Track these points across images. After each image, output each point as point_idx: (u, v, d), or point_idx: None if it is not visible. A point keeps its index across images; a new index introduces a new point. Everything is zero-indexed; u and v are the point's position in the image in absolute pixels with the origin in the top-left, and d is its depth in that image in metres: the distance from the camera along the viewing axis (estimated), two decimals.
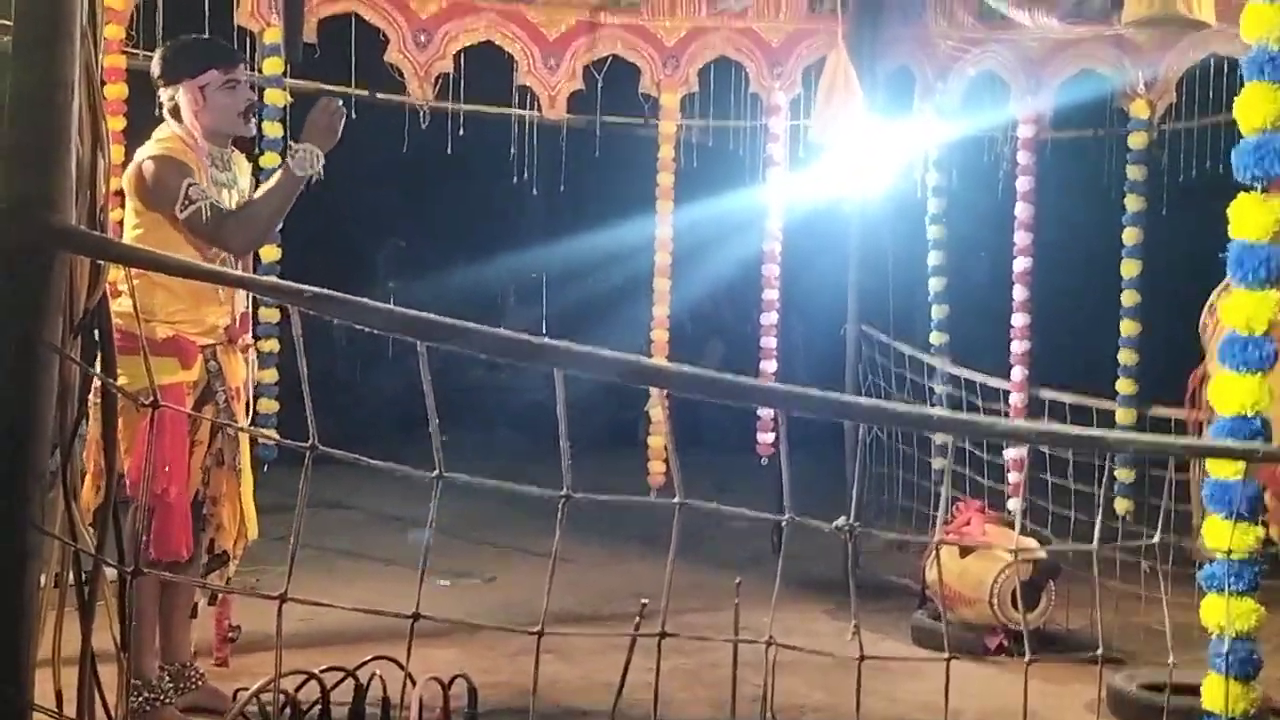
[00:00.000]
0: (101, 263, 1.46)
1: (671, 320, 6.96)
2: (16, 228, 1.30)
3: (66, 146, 1.30)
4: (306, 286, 1.41)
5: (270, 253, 5.87)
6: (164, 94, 3.83)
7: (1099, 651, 1.87)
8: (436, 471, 1.50)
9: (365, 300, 1.44)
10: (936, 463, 6.65)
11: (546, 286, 11.28)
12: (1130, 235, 6.03)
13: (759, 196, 7.04)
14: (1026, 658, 1.73)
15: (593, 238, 9.13)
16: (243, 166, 4.01)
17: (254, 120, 3.98)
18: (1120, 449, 1.88)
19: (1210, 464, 2.29)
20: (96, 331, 1.50)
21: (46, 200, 1.30)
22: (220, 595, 4.11)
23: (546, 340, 1.55)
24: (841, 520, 1.78)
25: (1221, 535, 2.20)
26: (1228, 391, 2.25)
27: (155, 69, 3.85)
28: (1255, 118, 2.24)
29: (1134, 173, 6.35)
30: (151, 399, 1.49)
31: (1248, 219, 2.25)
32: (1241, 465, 2.22)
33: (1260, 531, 2.24)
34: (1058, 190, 6.89)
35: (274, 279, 1.27)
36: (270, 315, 5.81)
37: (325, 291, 1.42)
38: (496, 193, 8.38)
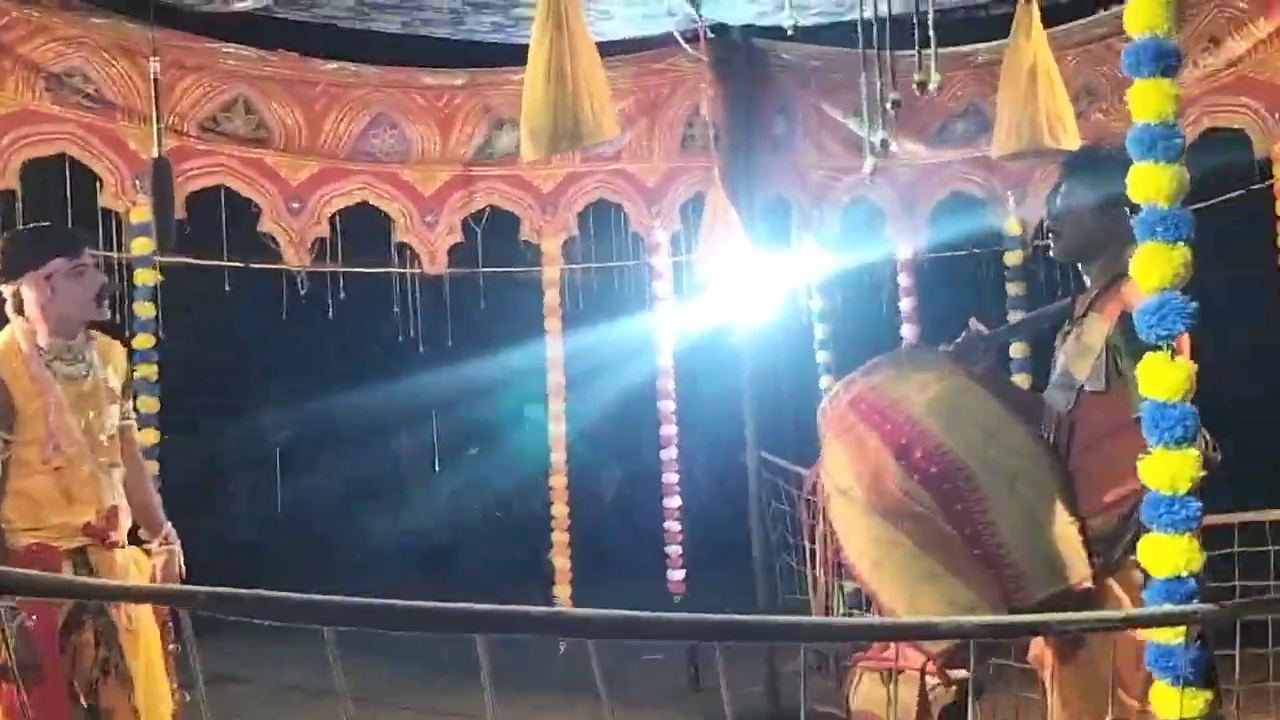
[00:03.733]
0: None
1: (569, 446, 6.86)
2: None
3: None
4: (200, 588, 1.29)
5: (149, 404, 5.65)
6: (5, 290, 3.65)
7: None
8: None
9: (262, 592, 1.32)
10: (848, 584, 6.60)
11: (438, 421, 11.16)
12: (1016, 349, 6.12)
13: (647, 331, 7.03)
14: None
15: (484, 373, 9.08)
16: (108, 353, 3.80)
17: (106, 302, 3.78)
18: (1065, 628, 1.82)
19: (1147, 630, 2.25)
20: None
21: None
22: None
23: (466, 607, 1.44)
24: None
25: (1170, 702, 2.15)
26: (1159, 554, 2.22)
27: None
28: (1153, 277, 2.25)
29: (1013, 289, 6.49)
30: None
31: (1158, 380, 2.24)
32: (1182, 630, 2.19)
33: (1209, 695, 2.19)
34: (941, 309, 6.99)
35: (160, 585, 1.16)
36: (149, 438, 5.55)
37: (220, 590, 1.30)
38: (382, 349, 8.26)
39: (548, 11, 3.66)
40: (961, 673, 5.01)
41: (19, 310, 3.61)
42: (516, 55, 6.11)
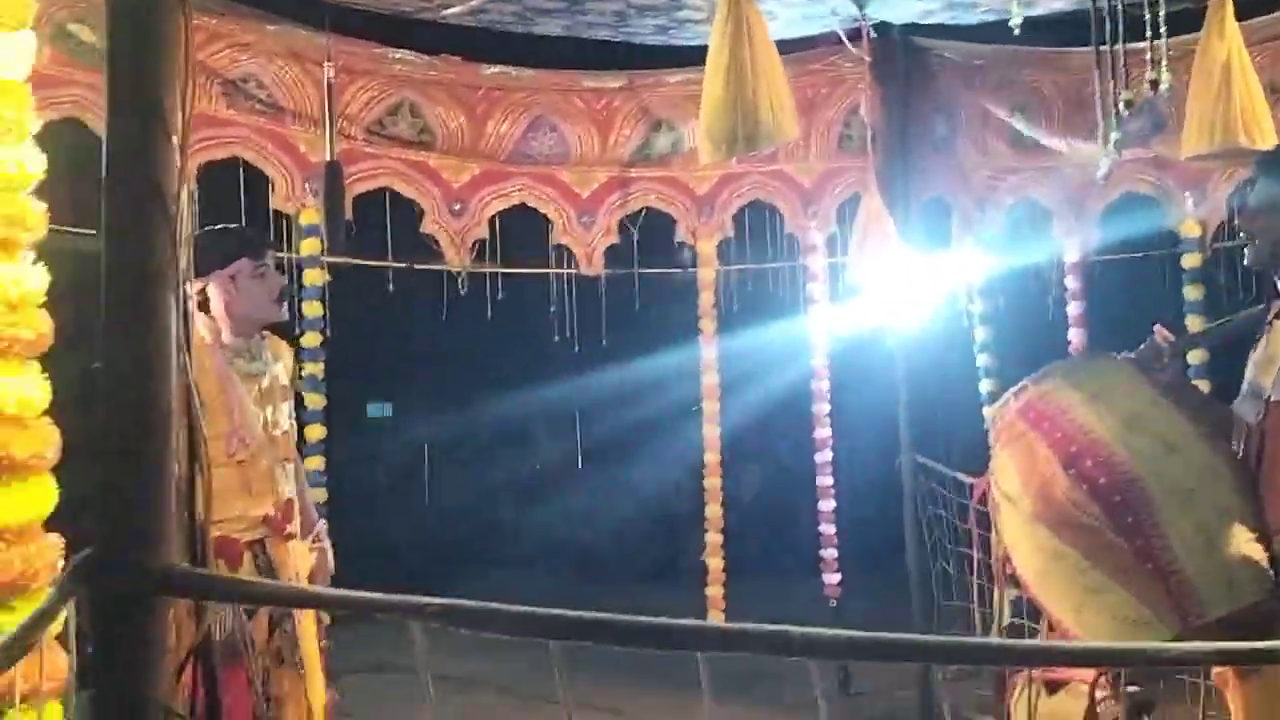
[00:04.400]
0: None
1: (722, 445, 6.86)
2: (112, 578, 1.18)
3: (167, 479, 1.19)
4: (431, 600, 1.28)
5: (315, 400, 5.81)
6: (192, 289, 3.75)
7: None
8: None
9: (495, 605, 1.31)
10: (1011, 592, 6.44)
11: (590, 421, 11.25)
12: (1195, 356, 5.88)
13: (801, 333, 6.96)
14: None
15: (637, 373, 9.13)
16: (279, 351, 3.92)
17: (285, 303, 3.89)
18: (1259, 661, 1.72)
19: None
20: (203, 668, 1.38)
21: (145, 542, 1.19)
22: None
23: (681, 623, 1.42)
24: None
25: None
26: None
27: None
28: None
29: (1191, 293, 6.23)
30: None
31: None
32: None
33: None
34: (1110, 313, 6.77)
35: (386, 596, 1.16)
36: (315, 433, 5.76)
37: (449, 602, 1.29)
38: (538, 351, 8.34)
39: (728, 13, 3.62)
40: (1132, 687, 4.87)
41: (203, 308, 3.73)
42: (675, 57, 6.15)
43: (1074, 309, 6.60)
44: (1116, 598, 3.12)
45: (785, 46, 6.14)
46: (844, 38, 5.97)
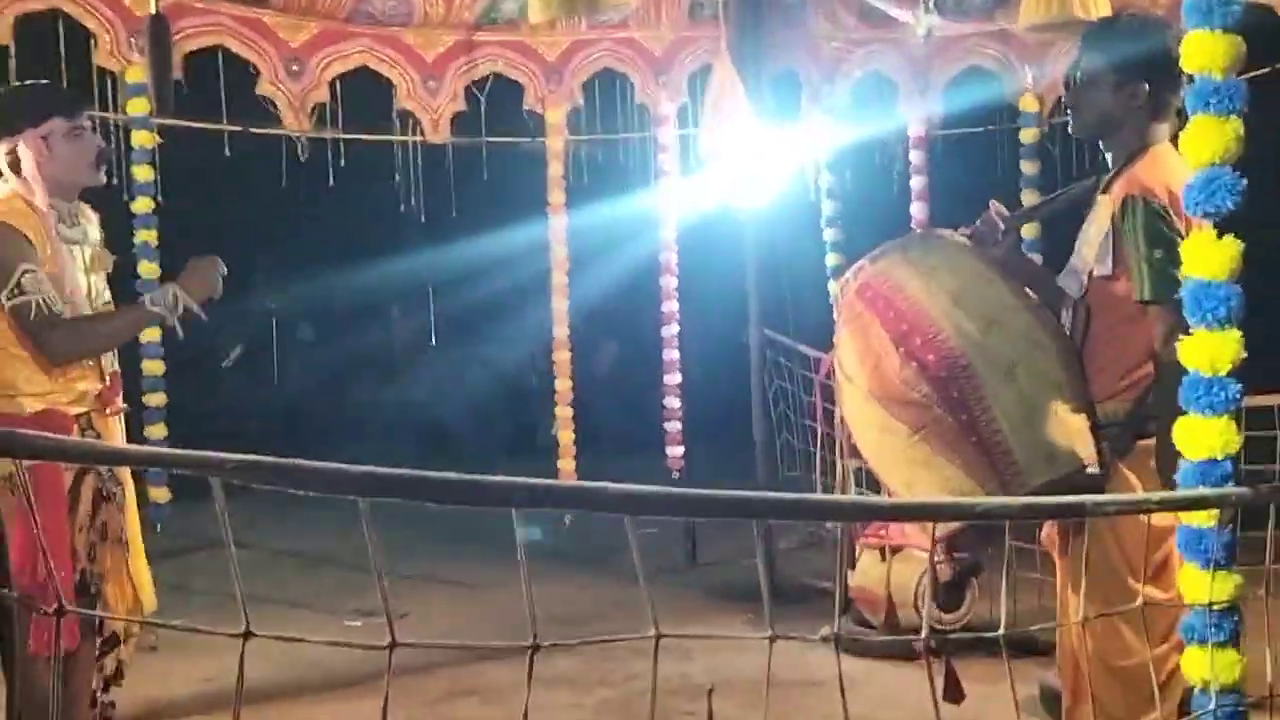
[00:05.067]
0: None
1: (575, 320, 6.87)
2: None
3: None
4: (228, 455, 1.24)
5: (150, 270, 5.63)
6: (1, 148, 3.55)
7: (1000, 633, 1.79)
8: (390, 641, 1.34)
9: (300, 462, 1.27)
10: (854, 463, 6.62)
11: (437, 294, 11.10)
12: (1028, 230, 6.03)
13: (651, 206, 6.93)
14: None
15: (485, 246, 9.01)
16: (90, 218, 3.73)
17: (104, 168, 3.70)
18: (1098, 513, 1.79)
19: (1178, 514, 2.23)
20: None
21: None
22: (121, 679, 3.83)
23: (506, 481, 1.40)
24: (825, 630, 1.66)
25: (1199, 585, 2.14)
26: (1195, 436, 2.18)
27: None
28: (1203, 152, 2.17)
29: (1027, 168, 6.38)
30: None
31: (1203, 258, 2.18)
32: (1214, 513, 2.16)
33: (1239, 579, 2.17)
34: (952, 187, 6.89)
35: (188, 453, 1.12)
36: (150, 271, 5.68)
37: (248, 458, 1.25)
38: (383, 220, 8.15)
39: None
40: (962, 554, 5.08)
41: (15, 169, 3.51)
42: None
43: (917, 183, 6.70)
44: (945, 472, 3.22)
45: None
46: None
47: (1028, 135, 6.39)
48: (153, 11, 4.95)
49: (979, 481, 3.18)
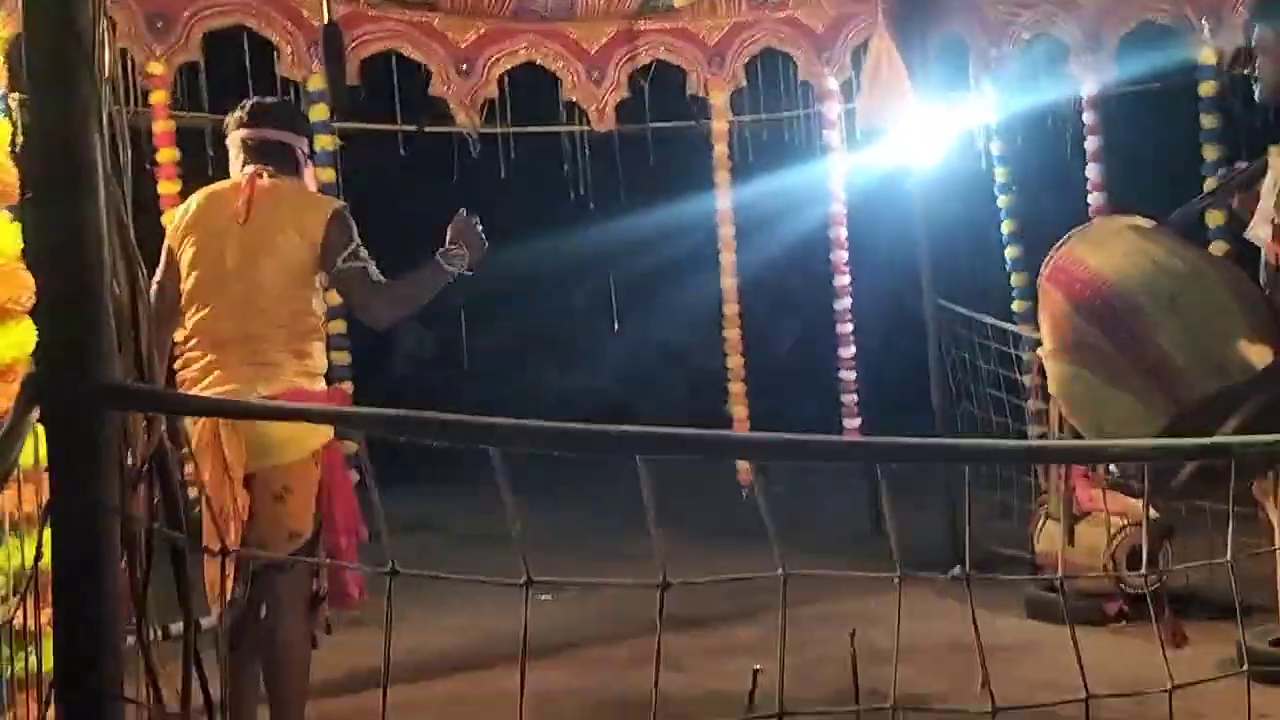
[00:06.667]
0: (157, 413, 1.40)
1: (742, 298, 6.89)
2: (59, 389, 1.24)
3: (102, 298, 1.24)
4: (430, 414, 1.33)
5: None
6: (298, 143, 3.83)
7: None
8: (525, 578, 1.42)
9: (439, 414, 1.36)
10: (1032, 405, 6.51)
11: (614, 279, 11.28)
12: (1211, 184, 5.79)
13: (818, 181, 6.91)
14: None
15: (654, 229, 9.14)
16: None
17: None
18: (1242, 455, 1.77)
19: None
20: (159, 476, 1.45)
21: (86, 358, 1.25)
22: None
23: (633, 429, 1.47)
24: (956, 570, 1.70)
25: None
26: None
27: (279, 118, 3.84)
28: None
29: (1208, 121, 6.11)
30: None
31: None
32: None
33: None
34: (1129, 147, 6.68)
35: (340, 408, 1.22)
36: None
37: (396, 412, 1.35)
38: (554, 210, 8.34)
39: None
40: (1153, 514, 4.95)
41: (305, 163, 3.88)
42: None
43: (1091, 144, 6.49)
44: (1123, 401, 3.59)
45: None
46: None
47: (1206, 88, 6.12)
48: (326, 20, 5.19)
49: (1151, 403, 3.54)
